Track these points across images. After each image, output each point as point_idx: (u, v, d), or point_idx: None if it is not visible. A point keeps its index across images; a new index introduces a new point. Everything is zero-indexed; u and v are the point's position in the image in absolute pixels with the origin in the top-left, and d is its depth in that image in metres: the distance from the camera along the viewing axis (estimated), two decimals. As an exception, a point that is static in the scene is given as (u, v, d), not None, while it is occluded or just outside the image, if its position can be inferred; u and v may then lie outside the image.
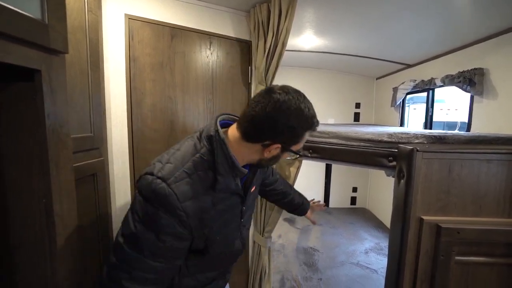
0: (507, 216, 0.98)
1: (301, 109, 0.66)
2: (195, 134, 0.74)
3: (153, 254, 0.64)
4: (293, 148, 0.74)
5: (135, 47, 1.23)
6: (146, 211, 0.63)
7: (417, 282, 1.00)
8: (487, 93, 1.53)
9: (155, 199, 0.62)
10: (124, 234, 0.65)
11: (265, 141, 0.68)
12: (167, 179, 0.63)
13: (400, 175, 1.00)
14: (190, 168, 0.66)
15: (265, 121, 0.66)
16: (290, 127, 0.67)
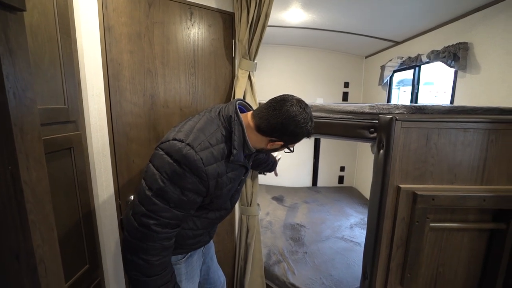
0: (480, 184, 1.02)
1: (306, 123, 0.86)
2: (212, 112, 0.91)
3: (176, 206, 0.80)
4: (290, 146, 0.97)
5: (110, 16, 1.16)
6: (175, 170, 0.77)
7: (393, 247, 1.04)
8: (470, 68, 1.54)
9: (184, 162, 0.77)
10: (152, 189, 0.78)
11: (272, 138, 0.88)
12: (195, 146, 0.78)
13: (380, 145, 1.02)
14: (212, 140, 0.83)
15: (278, 126, 0.84)
16: (296, 134, 0.87)
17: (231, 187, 0.96)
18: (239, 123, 0.86)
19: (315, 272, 1.68)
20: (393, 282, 1.07)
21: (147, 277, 0.83)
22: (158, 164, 0.79)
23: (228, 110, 0.88)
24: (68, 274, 1.04)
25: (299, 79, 3.04)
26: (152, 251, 0.81)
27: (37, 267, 0.70)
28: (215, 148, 0.83)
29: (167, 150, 0.79)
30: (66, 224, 1.05)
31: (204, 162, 0.78)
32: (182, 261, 1.03)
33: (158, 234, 0.80)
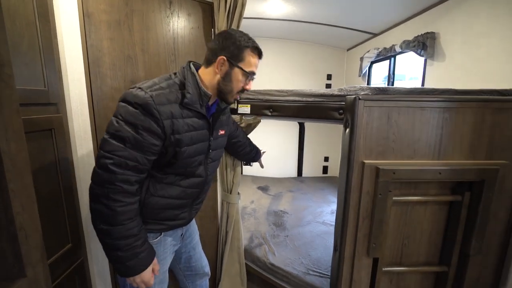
0: (437, 158, 1.10)
1: (238, 31, 0.94)
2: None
3: (133, 145, 0.82)
4: (240, 64, 0.94)
5: (89, 2, 1.20)
6: (128, 111, 0.81)
7: (359, 219, 1.13)
8: (437, 56, 1.64)
9: (136, 101, 0.81)
10: (109, 132, 0.82)
11: (215, 58, 0.92)
12: (145, 89, 0.83)
13: (346, 124, 1.09)
14: (163, 85, 0.88)
15: (214, 43, 0.93)
16: (231, 42, 0.91)
17: (197, 147, 0.97)
18: (190, 70, 0.93)
19: (294, 253, 1.76)
20: (360, 252, 1.15)
21: (110, 225, 0.83)
22: (115, 111, 0.84)
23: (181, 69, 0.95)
24: (50, 252, 1.08)
25: (283, 72, 3.11)
26: (113, 195, 0.82)
27: (17, 233, 0.74)
28: (166, 91, 0.87)
29: (122, 98, 0.84)
30: (48, 204, 1.09)
31: (155, 100, 0.82)
32: (153, 243, 1.02)
33: (116, 175, 0.81)
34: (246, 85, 1.00)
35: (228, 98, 0.99)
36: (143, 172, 0.88)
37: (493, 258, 1.17)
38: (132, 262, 0.88)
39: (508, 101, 1.06)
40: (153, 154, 0.88)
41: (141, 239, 0.90)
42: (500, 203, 1.11)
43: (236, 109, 1.56)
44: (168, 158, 0.92)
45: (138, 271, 0.90)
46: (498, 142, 1.08)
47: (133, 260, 0.88)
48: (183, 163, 0.95)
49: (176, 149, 0.91)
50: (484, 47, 1.30)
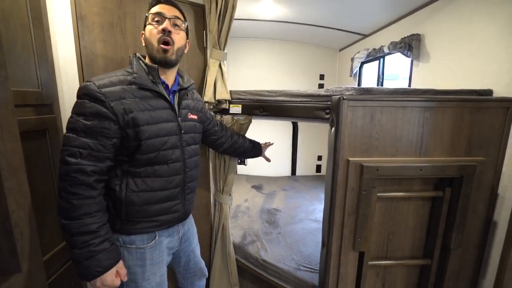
0: (419, 156, 1.15)
1: None
2: None
3: (85, 134, 0.83)
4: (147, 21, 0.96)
5: (82, 5, 1.22)
6: (77, 103, 0.85)
7: (345, 215, 1.17)
8: (423, 57, 1.69)
9: (82, 93, 0.85)
10: (67, 128, 0.84)
11: None
12: (91, 79, 0.87)
13: (332, 123, 1.14)
14: (111, 74, 0.91)
15: None
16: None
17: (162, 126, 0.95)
18: (136, 55, 0.99)
19: (286, 250, 1.80)
20: (347, 247, 1.20)
21: (67, 219, 0.83)
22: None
23: None
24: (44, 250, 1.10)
25: (276, 72, 3.16)
26: (70, 187, 0.82)
27: (13, 230, 0.78)
28: (112, 76, 0.90)
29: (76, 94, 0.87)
30: (42, 202, 1.11)
31: (98, 85, 0.85)
32: (148, 247, 1.00)
33: (71, 165, 0.81)
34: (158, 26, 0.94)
35: (156, 56, 0.95)
36: (100, 160, 0.86)
37: (472, 252, 1.22)
38: (88, 261, 0.84)
39: (485, 101, 1.12)
40: (108, 138, 0.86)
41: (100, 238, 0.86)
42: (479, 198, 1.16)
43: (228, 109, 1.60)
44: (132, 142, 0.90)
45: (95, 273, 0.85)
46: (476, 140, 1.13)
47: (89, 260, 0.84)
48: (150, 145, 0.93)
49: (136, 129, 0.89)
50: (465, 49, 1.36)
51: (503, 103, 1.11)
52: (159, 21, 0.94)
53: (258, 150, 1.63)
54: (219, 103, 1.58)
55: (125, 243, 0.98)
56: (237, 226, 2.09)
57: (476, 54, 1.30)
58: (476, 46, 1.30)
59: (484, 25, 1.27)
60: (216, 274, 1.77)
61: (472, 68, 1.31)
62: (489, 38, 1.24)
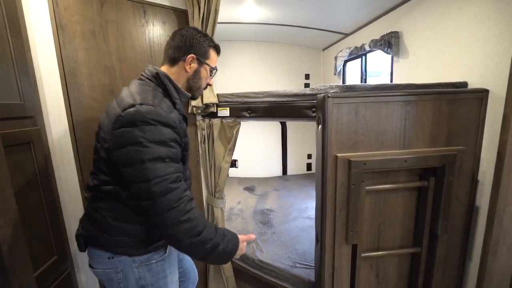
0: (403, 148, 1.20)
1: (199, 31, 1.00)
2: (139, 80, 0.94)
3: (171, 159, 0.82)
4: (207, 61, 1.00)
5: (61, 14, 1.21)
6: (149, 130, 0.77)
7: (336, 210, 1.20)
8: (402, 53, 1.76)
9: (150, 118, 0.78)
10: (144, 159, 0.77)
11: (184, 57, 0.95)
12: (148, 103, 0.80)
13: (319, 121, 1.17)
14: (155, 95, 0.86)
15: (179, 41, 0.95)
16: (197, 41, 0.96)
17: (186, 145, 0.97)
18: (165, 75, 0.93)
19: (281, 249, 1.82)
20: (340, 240, 1.23)
21: (199, 234, 0.82)
22: (130, 138, 0.77)
23: (151, 72, 0.93)
24: (35, 265, 1.07)
25: (263, 73, 3.19)
26: (185, 206, 0.81)
27: (1, 246, 0.76)
28: (161, 100, 0.87)
29: (128, 122, 0.77)
30: (30, 217, 1.08)
31: (166, 111, 0.82)
32: (165, 257, 1.01)
33: (179, 189, 0.81)
34: (210, 80, 1.07)
35: (196, 94, 1.04)
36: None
37: (458, 237, 1.28)
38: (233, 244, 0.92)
39: (460, 93, 1.18)
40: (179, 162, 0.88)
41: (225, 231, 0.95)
42: (461, 186, 1.22)
43: (216, 112, 1.60)
44: None
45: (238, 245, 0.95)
46: (455, 130, 1.18)
47: (232, 242, 0.92)
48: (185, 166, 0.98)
49: (184, 152, 0.93)
50: (440, 44, 1.42)
51: (477, 94, 1.17)
52: (213, 73, 1.07)
53: None
54: (206, 107, 1.59)
55: (145, 262, 0.96)
56: (232, 229, 2.07)
57: (450, 49, 1.37)
58: (449, 41, 1.37)
59: (455, 20, 1.34)
60: (212, 280, 1.77)
61: (448, 62, 1.37)
62: (461, 33, 1.30)
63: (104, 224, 0.89)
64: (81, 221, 0.99)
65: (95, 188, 0.91)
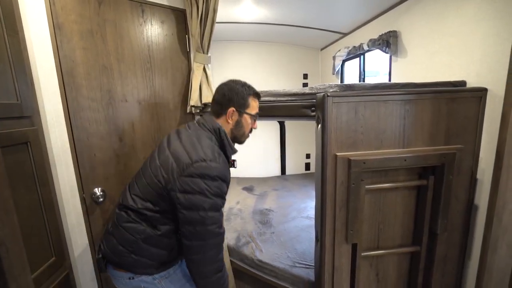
0: (402, 147, 1.19)
1: (238, 82, 1.11)
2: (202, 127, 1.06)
3: (221, 207, 0.99)
4: (247, 111, 1.10)
5: (58, 13, 1.20)
6: (215, 185, 0.93)
7: (336, 209, 1.19)
8: (400, 53, 1.76)
9: (216, 175, 0.93)
10: (205, 208, 0.92)
11: (225, 111, 1.06)
12: (215, 161, 0.95)
13: (318, 120, 1.16)
14: (217, 151, 1.00)
15: (220, 97, 1.07)
16: (235, 93, 1.07)
17: None
18: (225, 133, 1.06)
19: (281, 248, 1.81)
20: (340, 240, 1.23)
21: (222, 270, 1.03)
22: (197, 188, 0.91)
23: (213, 125, 1.05)
24: (33, 266, 1.06)
25: (261, 73, 3.18)
26: (220, 247, 1.01)
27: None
28: (221, 156, 1.01)
29: (198, 174, 0.91)
30: (28, 218, 1.07)
31: (225, 168, 0.99)
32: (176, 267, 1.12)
33: (222, 233, 1.00)
34: (254, 124, 1.17)
35: (242, 140, 1.17)
36: None
37: (457, 235, 1.28)
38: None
39: (459, 91, 1.18)
40: None
41: None
42: (460, 184, 1.22)
43: (215, 112, 1.60)
44: None
45: None
46: (454, 129, 1.19)
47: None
48: None
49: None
50: (438, 43, 1.43)
51: (476, 92, 1.18)
52: (256, 118, 1.16)
53: None
54: (205, 107, 1.58)
55: (164, 276, 1.06)
56: (231, 229, 2.09)
57: (448, 48, 1.37)
58: (448, 40, 1.37)
59: (453, 20, 1.34)
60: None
61: (446, 61, 1.37)
62: (459, 32, 1.31)
63: (135, 246, 0.98)
64: (105, 240, 1.05)
65: (137, 210, 0.99)
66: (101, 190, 1.40)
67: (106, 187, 1.42)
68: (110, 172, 1.43)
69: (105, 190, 1.41)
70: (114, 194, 1.46)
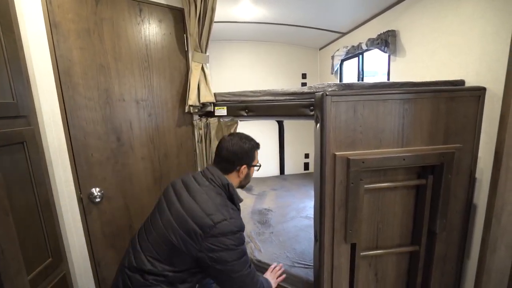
0: (401, 146, 1.19)
1: (244, 138, 1.20)
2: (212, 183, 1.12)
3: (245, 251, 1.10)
4: (254, 163, 1.24)
5: (55, 12, 1.19)
6: (237, 238, 1.03)
7: (335, 208, 1.19)
8: (399, 52, 1.76)
9: (237, 229, 1.04)
10: (234, 259, 1.02)
11: (237, 168, 1.17)
12: (233, 217, 1.04)
13: (317, 119, 1.16)
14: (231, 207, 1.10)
15: (231, 156, 1.16)
16: (246, 152, 1.18)
17: None
18: (233, 187, 1.15)
19: (279, 248, 1.81)
20: (338, 239, 1.22)
21: None
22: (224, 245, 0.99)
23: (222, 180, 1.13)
24: (30, 267, 1.05)
25: (260, 73, 3.18)
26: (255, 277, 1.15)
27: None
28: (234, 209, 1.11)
29: (221, 233, 1.00)
30: (24, 218, 1.06)
31: (240, 219, 1.09)
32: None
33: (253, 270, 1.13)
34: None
35: (245, 184, 1.27)
36: None
37: (456, 235, 1.28)
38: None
39: (458, 90, 1.18)
40: None
41: None
42: (459, 183, 1.22)
43: (213, 111, 1.59)
44: None
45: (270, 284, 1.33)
46: (452, 128, 1.18)
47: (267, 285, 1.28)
48: None
49: None
50: (437, 42, 1.42)
51: (474, 91, 1.18)
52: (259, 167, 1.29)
53: None
54: (204, 106, 1.57)
55: None
56: None
57: (447, 47, 1.37)
58: (446, 39, 1.37)
59: (452, 19, 1.34)
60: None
61: (445, 60, 1.37)
62: (458, 31, 1.30)
63: None
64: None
65: (156, 273, 1.01)
66: (99, 190, 1.39)
67: (103, 187, 1.41)
68: (107, 172, 1.42)
69: (103, 190, 1.40)
70: (112, 194, 1.45)
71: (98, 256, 1.43)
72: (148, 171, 1.57)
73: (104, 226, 1.44)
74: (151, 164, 1.57)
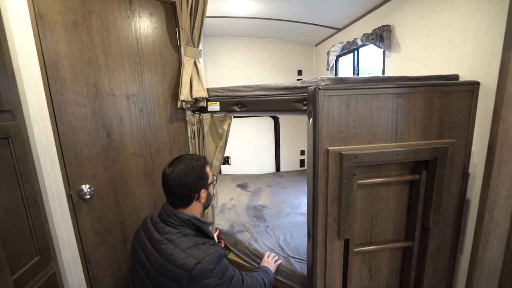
0: (395, 141, 1.18)
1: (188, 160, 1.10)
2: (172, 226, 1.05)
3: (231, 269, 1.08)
4: (209, 181, 1.15)
5: (40, 4, 1.15)
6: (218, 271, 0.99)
7: (328, 204, 1.18)
8: (393, 47, 1.75)
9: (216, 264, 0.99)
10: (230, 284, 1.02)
11: (196, 196, 1.09)
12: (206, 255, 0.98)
13: (310, 114, 1.14)
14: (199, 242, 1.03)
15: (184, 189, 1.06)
16: (197, 175, 1.08)
17: None
18: (195, 218, 1.08)
19: (275, 241, 1.80)
20: (331, 236, 1.21)
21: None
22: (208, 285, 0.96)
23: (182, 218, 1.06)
24: (15, 266, 1.03)
25: (255, 70, 3.15)
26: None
27: (-27, 247, 0.71)
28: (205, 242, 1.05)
29: (199, 276, 0.95)
30: (9, 215, 1.03)
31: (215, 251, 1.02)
32: None
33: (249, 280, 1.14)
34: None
35: (209, 205, 1.23)
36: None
37: (449, 230, 1.27)
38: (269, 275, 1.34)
39: (452, 85, 1.17)
40: None
41: None
42: (452, 178, 1.22)
43: (206, 106, 1.57)
44: None
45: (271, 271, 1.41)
46: (446, 123, 1.18)
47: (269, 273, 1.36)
48: None
49: None
50: (431, 37, 1.41)
51: (468, 86, 1.17)
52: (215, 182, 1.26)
53: None
54: (196, 102, 1.55)
55: None
56: (224, 219, 2.09)
57: (441, 41, 1.36)
58: (441, 33, 1.36)
59: (446, 13, 1.32)
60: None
61: (439, 55, 1.36)
62: (452, 26, 1.29)
63: None
64: None
65: None
66: (89, 187, 1.36)
67: (93, 183, 1.38)
68: (97, 168, 1.39)
69: (93, 186, 1.38)
70: (102, 191, 1.42)
71: (88, 253, 1.41)
72: (140, 167, 1.55)
73: (94, 223, 1.42)
74: (142, 160, 1.55)
